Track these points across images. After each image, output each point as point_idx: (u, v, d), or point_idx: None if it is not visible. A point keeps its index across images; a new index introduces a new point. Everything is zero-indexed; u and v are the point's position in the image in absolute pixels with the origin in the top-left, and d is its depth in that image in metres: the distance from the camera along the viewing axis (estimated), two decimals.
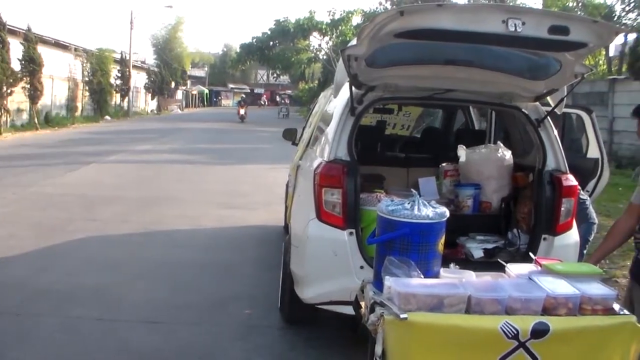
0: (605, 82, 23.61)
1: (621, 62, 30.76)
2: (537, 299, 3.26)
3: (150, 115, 54.19)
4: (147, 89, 59.14)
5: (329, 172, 5.01)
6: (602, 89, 23.14)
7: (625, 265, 8.42)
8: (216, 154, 21.66)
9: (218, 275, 7.51)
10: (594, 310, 3.32)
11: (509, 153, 5.96)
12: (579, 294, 3.32)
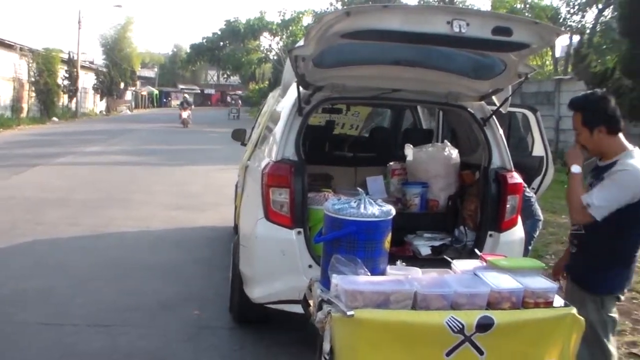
0: (551, 82, 24.09)
1: (567, 63, 31.42)
2: (481, 293, 3.31)
3: (99, 117, 53.40)
4: (95, 90, 58.25)
5: (276, 172, 5.02)
6: (549, 88, 23.61)
7: None
8: (166, 155, 21.48)
9: (167, 276, 7.45)
10: (536, 303, 3.39)
11: (455, 152, 6.04)
12: (522, 288, 3.38)
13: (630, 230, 3.97)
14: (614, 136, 3.97)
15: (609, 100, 4.03)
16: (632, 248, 4.03)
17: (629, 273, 4.07)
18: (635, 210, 3.87)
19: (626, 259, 4.04)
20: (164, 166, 18.45)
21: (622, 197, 3.84)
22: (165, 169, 17.73)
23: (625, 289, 4.14)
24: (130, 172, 16.87)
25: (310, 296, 3.76)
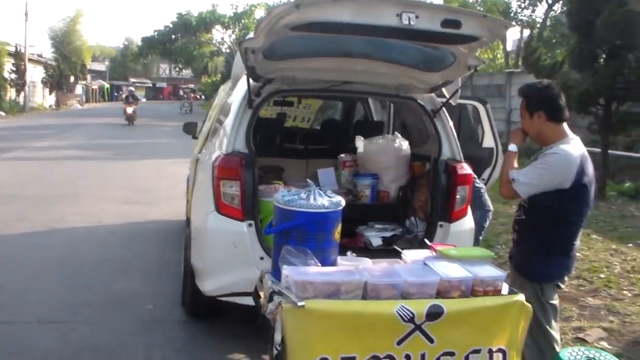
0: (502, 75, 24.42)
1: (517, 56, 31.90)
2: (431, 282, 3.36)
3: (49, 111, 52.49)
4: (44, 84, 57.16)
5: (226, 164, 5.01)
6: (500, 81, 23.92)
7: None
8: (117, 150, 21.23)
9: (119, 271, 7.38)
10: (485, 291, 3.46)
11: (406, 143, 6.09)
12: (471, 277, 3.44)
13: (567, 218, 4.03)
14: (554, 124, 4.05)
15: (551, 89, 4.15)
16: (570, 236, 4.08)
17: (568, 261, 4.14)
18: (568, 197, 3.94)
19: (564, 247, 4.09)
20: (115, 161, 18.25)
21: (549, 179, 3.92)
22: (117, 164, 17.53)
23: (565, 277, 4.22)
24: (81, 167, 16.64)
25: (261, 288, 3.77)
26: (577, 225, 4.07)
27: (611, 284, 7.23)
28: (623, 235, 9.76)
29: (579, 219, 4.06)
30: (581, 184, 3.93)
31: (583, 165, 3.93)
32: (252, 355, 5.24)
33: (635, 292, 7.03)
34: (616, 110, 13.14)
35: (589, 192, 3.99)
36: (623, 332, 5.92)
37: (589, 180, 3.98)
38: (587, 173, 3.97)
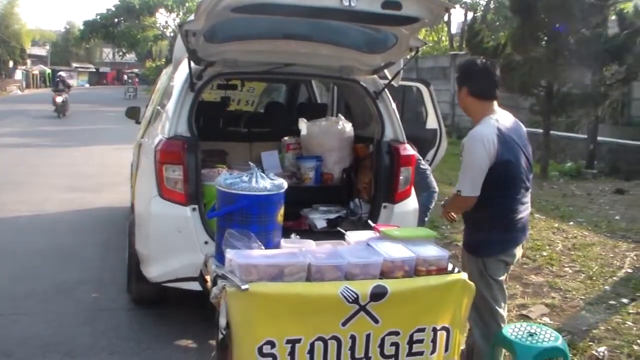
0: (447, 58, 24.67)
1: (462, 39, 32.18)
2: (374, 263, 3.38)
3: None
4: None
5: (168, 148, 4.95)
6: (445, 64, 24.17)
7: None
8: (59, 137, 20.82)
9: (62, 260, 7.27)
10: (428, 271, 3.49)
11: (349, 125, 6.11)
12: (414, 257, 3.47)
13: (502, 193, 4.04)
14: (476, 100, 4.09)
15: (475, 65, 4.18)
16: (507, 211, 4.09)
17: (510, 235, 4.15)
18: (495, 174, 3.96)
19: (503, 222, 4.11)
20: (57, 148, 17.88)
21: (476, 164, 3.96)
22: (59, 151, 17.19)
23: (508, 252, 4.19)
24: (21, 154, 16.27)
25: (206, 272, 3.75)
26: (513, 199, 4.07)
27: (553, 262, 7.39)
28: (564, 213, 9.98)
29: (513, 192, 4.06)
30: (503, 159, 3.94)
31: (502, 141, 3.94)
32: (199, 341, 5.21)
33: (576, 268, 7.20)
34: (557, 91, 13.39)
35: (515, 166, 4.01)
36: (564, 307, 6.06)
37: (514, 154, 4.00)
38: (510, 148, 3.98)
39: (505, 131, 3.98)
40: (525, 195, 4.13)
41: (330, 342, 3.29)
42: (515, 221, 4.12)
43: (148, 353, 4.98)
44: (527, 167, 4.12)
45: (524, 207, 4.14)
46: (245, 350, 3.19)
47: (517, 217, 4.11)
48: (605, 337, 5.36)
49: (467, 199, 4.02)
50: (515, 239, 4.18)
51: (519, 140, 4.06)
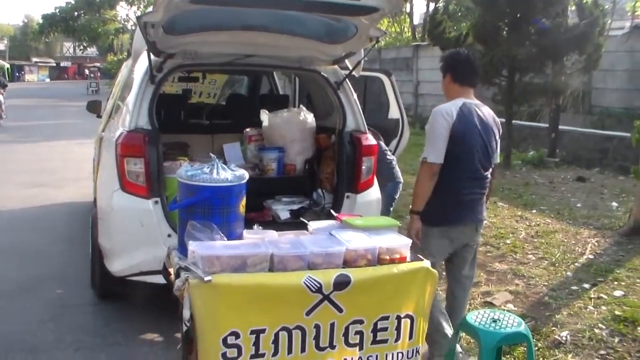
0: (409, 49, 24.75)
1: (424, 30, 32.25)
2: (337, 252, 3.38)
3: None
4: None
5: (129, 141, 4.90)
6: (407, 54, 24.25)
7: None
8: (20, 132, 20.53)
9: (25, 258, 7.17)
10: (392, 259, 3.50)
11: (311, 116, 6.11)
12: (376, 246, 3.48)
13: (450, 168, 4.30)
14: (457, 85, 4.44)
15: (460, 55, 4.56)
16: (453, 186, 4.36)
17: (452, 211, 4.42)
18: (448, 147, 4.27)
19: (447, 195, 4.36)
20: (17, 143, 17.62)
21: (437, 132, 4.27)
22: (20, 146, 16.94)
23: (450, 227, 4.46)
24: None
25: (169, 265, 3.73)
26: (460, 177, 4.35)
27: (517, 249, 7.49)
28: (527, 202, 10.12)
29: (461, 170, 4.34)
30: (455, 134, 4.25)
31: (461, 118, 4.27)
32: (165, 334, 5.19)
33: (539, 255, 7.30)
34: (518, 81, 13.52)
35: (467, 145, 4.30)
36: (528, 294, 6.14)
37: (468, 134, 4.29)
38: (466, 127, 4.29)
39: (467, 112, 4.30)
40: (477, 178, 4.41)
41: (295, 332, 3.29)
42: (460, 199, 4.40)
43: (114, 348, 4.95)
44: (485, 153, 4.40)
45: (473, 189, 4.42)
46: (209, 342, 3.18)
47: (463, 195, 4.40)
48: (567, 321, 5.44)
49: (432, 165, 4.28)
50: (460, 217, 4.45)
51: (480, 125, 4.35)
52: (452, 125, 4.23)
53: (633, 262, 6.99)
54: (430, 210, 4.36)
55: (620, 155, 13.27)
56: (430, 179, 4.33)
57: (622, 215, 8.98)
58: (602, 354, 4.91)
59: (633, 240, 7.77)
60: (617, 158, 13.46)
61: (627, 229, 8.10)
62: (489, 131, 4.40)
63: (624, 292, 6.06)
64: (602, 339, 5.13)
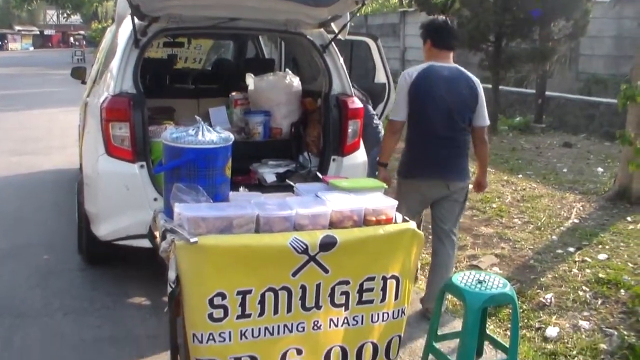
0: (396, 15, 24.63)
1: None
2: (323, 213, 3.39)
3: None
4: None
5: (114, 105, 4.87)
6: (394, 20, 24.14)
7: None
8: (5, 101, 20.31)
9: (11, 224, 7.16)
10: (377, 220, 3.51)
11: (296, 79, 6.09)
12: (362, 207, 3.49)
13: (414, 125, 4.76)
14: (436, 50, 4.77)
15: (436, 22, 4.94)
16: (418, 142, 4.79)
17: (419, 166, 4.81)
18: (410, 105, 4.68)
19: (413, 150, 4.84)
20: (3, 112, 17.43)
21: (399, 92, 4.73)
22: (5, 115, 16.76)
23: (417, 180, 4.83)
24: None
25: (155, 228, 3.73)
26: (425, 134, 4.72)
27: (503, 213, 7.55)
28: (514, 167, 10.17)
29: (424, 128, 4.71)
30: (415, 95, 4.63)
31: (423, 79, 4.62)
32: (152, 298, 5.22)
33: (524, 219, 7.36)
34: (505, 47, 13.49)
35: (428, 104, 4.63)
36: (513, 257, 6.20)
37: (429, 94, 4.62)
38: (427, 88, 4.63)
39: (428, 74, 4.64)
40: (441, 137, 4.68)
41: (281, 293, 3.31)
42: (425, 155, 4.77)
43: (102, 312, 4.96)
44: (449, 114, 4.66)
45: (439, 146, 4.70)
46: (196, 303, 3.20)
47: (428, 151, 4.75)
48: (552, 284, 5.51)
49: (393, 122, 4.78)
50: (425, 172, 4.78)
51: (444, 87, 4.64)
52: (409, 86, 4.61)
53: (617, 226, 7.07)
54: (401, 164, 4.89)
55: (607, 121, 13.33)
56: (393, 135, 4.83)
57: (608, 181, 9.06)
58: (586, 315, 4.98)
59: (617, 205, 7.86)
60: (603, 124, 13.51)
61: (612, 193, 8.18)
62: (455, 93, 4.64)
63: (608, 256, 6.14)
64: (585, 301, 5.20)
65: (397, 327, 3.69)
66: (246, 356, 3.36)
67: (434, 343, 4.14)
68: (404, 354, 4.30)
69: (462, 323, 3.88)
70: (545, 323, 4.87)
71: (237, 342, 3.30)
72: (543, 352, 4.44)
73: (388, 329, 3.65)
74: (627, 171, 7.92)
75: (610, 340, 4.56)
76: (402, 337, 3.76)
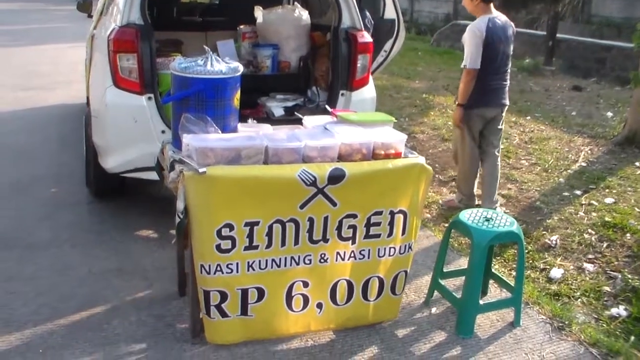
0: None
1: None
2: (332, 146, 3.39)
3: None
4: None
5: (122, 37, 4.80)
6: None
7: (423, 122, 8.93)
8: (10, 36, 20.10)
9: (18, 158, 7.15)
10: (386, 154, 3.51)
11: (305, 13, 6.01)
12: (372, 140, 3.47)
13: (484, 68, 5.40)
14: (485, 4, 5.46)
15: None
16: (486, 80, 5.45)
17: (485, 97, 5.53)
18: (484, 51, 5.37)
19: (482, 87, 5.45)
20: (9, 47, 17.26)
21: (475, 45, 5.35)
22: (11, 50, 16.61)
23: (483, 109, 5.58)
24: None
25: (163, 160, 3.72)
26: (490, 73, 5.47)
27: (510, 154, 7.51)
28: (522, 108, 10.09)
29: (491, 69, 5.45)
30: (486, 44, 5.36)
31: (489, 32, 5.35)
32: (159, 230, 5.23)
33: (532, 161, 7.33)
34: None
35: (495, 51, 5.41)
36: (520, 198, 6.19)
37: (494, 43, 5.39)
38: (493, 38, 5.38)
39: (492, 26, 5.37)
40: (500, 72, 5.53)
41: (289, 225, 3.33)
42: (489, 88, 5.51)
43: (109, 244, 4.98)
44: (505, 54, 5.52)
45: (497, 80, 5.54)
46: (204, 233, 3.21)
47: (490, 85, 5.51)
48: (558, 226, 5.51)
49: (470, 70, 5.39)
50: (489, 100, 5.58)
51: (502, 34, 5.45)
52: (482, 39, 5.33)
53: (625, 170, 7.04)
54: (471, 99, 5.49)
55: (618, 65, 13.17)
56: (471, 81, 5.42)
57: (617, 125, 8.99)
58: (590, 258, 4.99)
59: (626, 150, 7.81)
60: (614, 68, 13.35)
61: (620, 138, 8.12)
62: (508, 38, 5.51)
63: (615, 200, 6.12)
64: (590, 243, 5.20)
65: (404, 263, 3.72)
66: (253, 287, 3.39)
67: (440, 280, 4.18)
68: (409, 290, 4.31)
69: (468, 260, 3.91)
70: (550, 264, 4.87)
71: (244, 273, 3.34)
72: (547, 292, 4.45)
73: (395, 264, 3.68)
74: (637, 115, 7.87)
75: (614, 283, 4.58)
76: (408, 272, 3.79)
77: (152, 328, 3.79)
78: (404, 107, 9.75)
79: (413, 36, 15.58)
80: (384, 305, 3.79)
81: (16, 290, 4.22)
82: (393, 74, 12.44)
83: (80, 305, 4.04)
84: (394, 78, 12.13)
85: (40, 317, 3.90)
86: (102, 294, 4.19)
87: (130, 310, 3.99)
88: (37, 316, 3.91)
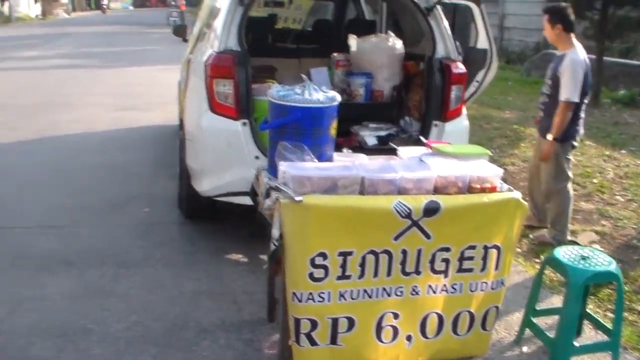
0: None
1: None
2: (428, 178, 3.36)
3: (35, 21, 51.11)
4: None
5: (219, 62, 4.91)
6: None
7: (513, 153, 8.78)
8: (107, 58, 20.89)
9: (114, 177, 7.38)
10: (482, 188, 3.46)
11: (399, 42, 6.01)
12: (467, 174, 3.43)
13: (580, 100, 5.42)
14: (567, 34, 5.46)
15: (566, 7, 5.56)
16: (579, 112, 5.51)
17: (577, 127, 5.57)
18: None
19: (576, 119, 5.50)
20: (105, 68, 17.96)
21: (579, 78, 5.34)
22: (107, 71, 17.26)
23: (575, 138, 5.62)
24: (71, 75, 16.30)
25: (257, 186, 3.76)
26: (582, 105, 5.51)
27: (604, 189, 7.30)
28: (617, 141, 9.79)
29: (583, 98, 5.48)
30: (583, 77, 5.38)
31: (587, 66, 5.41)
32: (249, 255, 5.28)
33: (627, 197, 7.10)
34: (613, 14, 12.91)
35: (588, 80, 5.47)
36: (615, 235, 6.00)
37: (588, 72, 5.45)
38: (587, 69, 5.42)
39: (586, 60, 5.45)
40: (584, 103, 5.57)
41: (382, 256, 3.30)
42: (579, 119, 5.58)
43: (201, 266, 5.06)
44: (588, 85, 5.52)
45: (584, 111, 5.64)
46: (297, 261, 3.22)
47: (580, 116, 5.59)
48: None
49: (571, 104, 5.36)
50: (579, 130, 5.64)
51: (588, 65, 5.48)
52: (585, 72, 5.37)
53: None
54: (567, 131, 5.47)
55: None
56: (569, 114, 5.39)
57: None
58: None
59: None
60: None
61: None
62: (590, 69, 5.52)
63: None
64: None
65: (496, 298, 3.65)
66: (343, 317, 3.38)
67: (532, 318, 4.08)
68: (499, 327, 4.21)
69: (564, 299, 3.80)
70: None
71: (335, 302, 3.32)
72: None
73: (486, 299, 3.62)
74: None
75: None
76: (499, 308, 3.71)
77: (241, 352, 3.83)
78: (494, 137, 9.61)
79: (503, 65, 15.39)
80: (474, 341, 3.72)
81: (110, 307, 4.34)
82: (483, 103, 12.31)
83: (171, 325, 4.13)
84: (483, 108, 12.00)
85: (133, 334, 4.01)
86: (192, 315, 4.26)
87: (220, 333, 4.04)
88: (129, 332, 4.02)
